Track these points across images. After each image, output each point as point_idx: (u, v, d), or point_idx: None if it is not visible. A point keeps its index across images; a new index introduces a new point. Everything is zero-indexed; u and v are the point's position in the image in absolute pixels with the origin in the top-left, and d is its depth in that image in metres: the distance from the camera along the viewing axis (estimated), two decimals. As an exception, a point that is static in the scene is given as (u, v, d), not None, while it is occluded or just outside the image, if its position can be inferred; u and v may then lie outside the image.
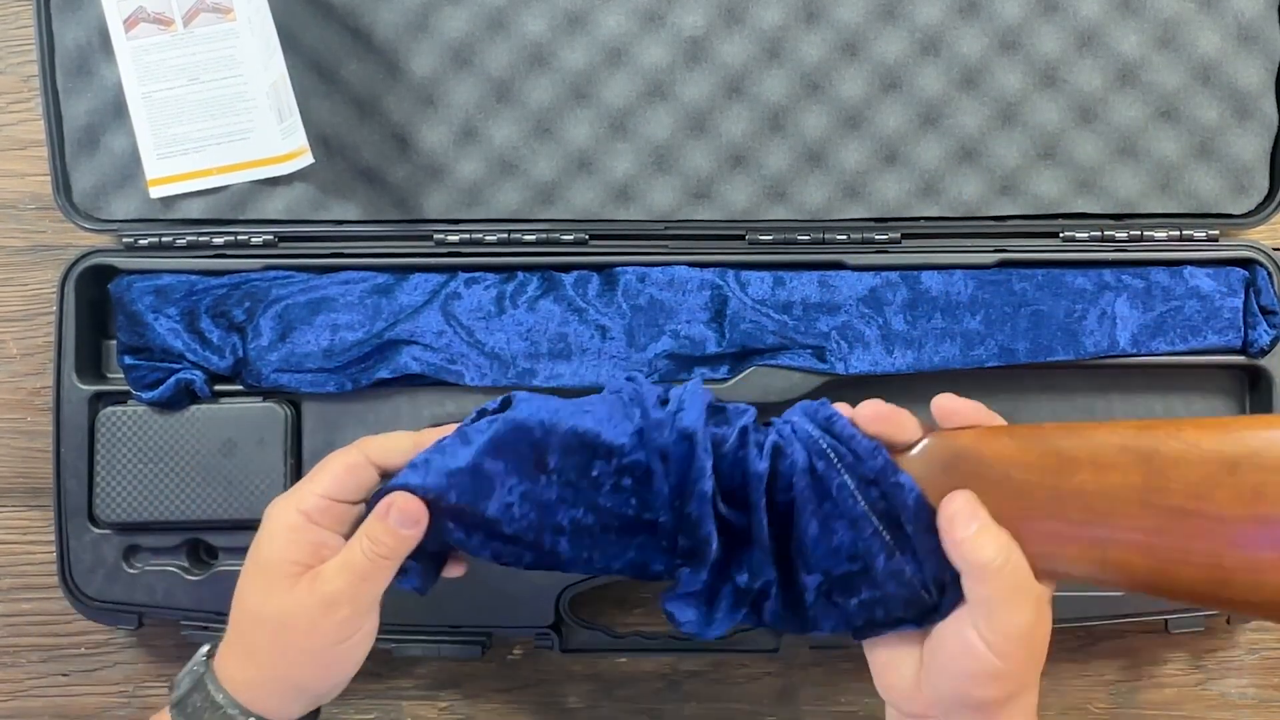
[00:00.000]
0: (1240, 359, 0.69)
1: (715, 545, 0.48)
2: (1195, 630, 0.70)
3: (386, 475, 0.51)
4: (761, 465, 0.48)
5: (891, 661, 0.50)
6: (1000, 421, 0.50)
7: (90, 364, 0.70)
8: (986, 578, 0.45)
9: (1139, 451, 0.45)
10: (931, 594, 0.47)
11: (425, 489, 0.49)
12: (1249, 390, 0.71)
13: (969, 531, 0.46)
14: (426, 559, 0.51)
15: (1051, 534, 0.46)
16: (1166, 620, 0.69)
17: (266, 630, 0.50)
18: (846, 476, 0.47)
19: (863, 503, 0.47)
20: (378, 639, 0.68)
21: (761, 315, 0.68)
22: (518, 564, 0.50)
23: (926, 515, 0.47)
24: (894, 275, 0.69)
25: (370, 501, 0.50)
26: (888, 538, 0.47)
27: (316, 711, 0.54)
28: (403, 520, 0.49)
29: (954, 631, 0.47)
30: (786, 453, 0.48)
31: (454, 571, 0.53)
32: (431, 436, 0.51)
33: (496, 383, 0.68)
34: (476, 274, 0.70)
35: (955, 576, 0.47)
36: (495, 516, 0.49)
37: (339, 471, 0.51)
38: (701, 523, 0.48)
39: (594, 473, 0.49)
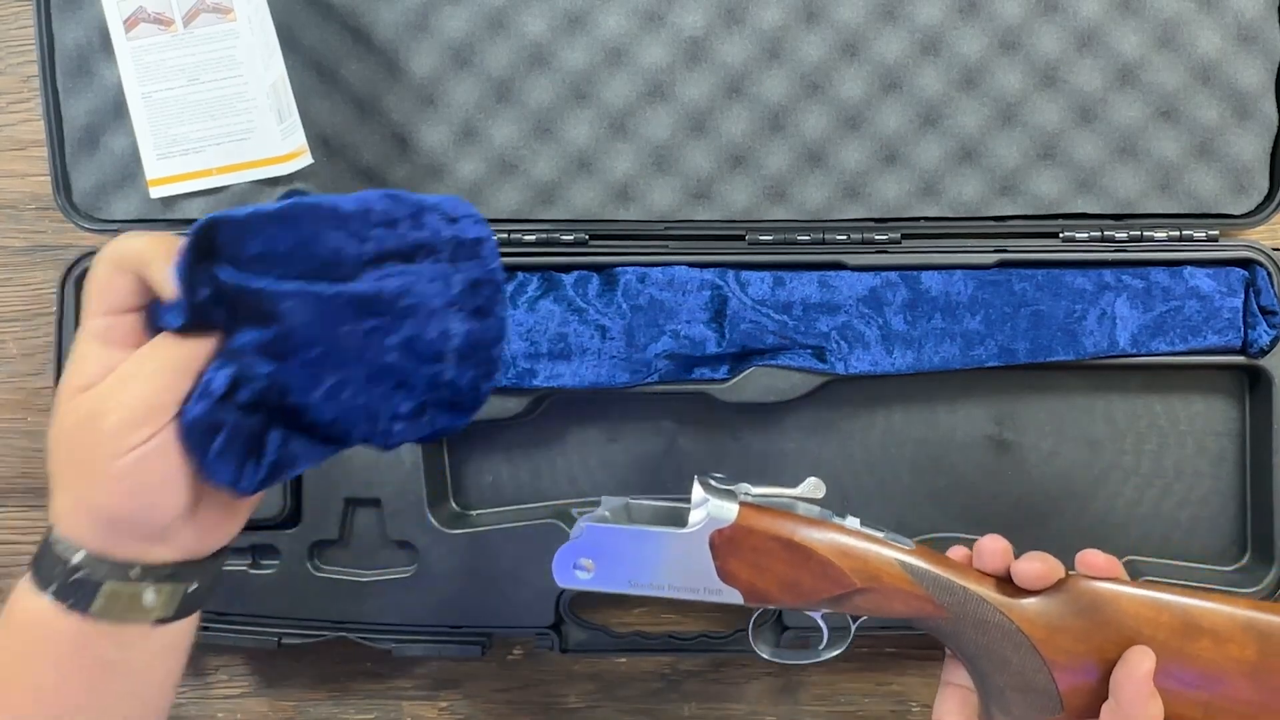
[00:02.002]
0: (1240, 359, 0.69)
1: None
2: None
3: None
4: None
5: None
6: (1125, 574, 0.53)
7: (90, 364, 0.70)
8: None
9: (1259, 631, 0.49)
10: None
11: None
12: (1249, 391, 0.71)
13: (1150, 687, 0.49)
14: (240, 438, 0.48)
15: (1165, 691, 0.49)
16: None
17: (62, 452, 0.47)
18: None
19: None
20: (377, 639, 0.69)
21: (761, 315, 0.68)
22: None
23: None
24: (894, 275, 0.69)
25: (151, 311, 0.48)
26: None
27: (216, 563, 0.50)
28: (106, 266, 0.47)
29: None
30: None
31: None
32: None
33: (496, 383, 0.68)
34: (476, 274, 0.70)
35: None
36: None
37: (103, 286, 0.48)
38: None
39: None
